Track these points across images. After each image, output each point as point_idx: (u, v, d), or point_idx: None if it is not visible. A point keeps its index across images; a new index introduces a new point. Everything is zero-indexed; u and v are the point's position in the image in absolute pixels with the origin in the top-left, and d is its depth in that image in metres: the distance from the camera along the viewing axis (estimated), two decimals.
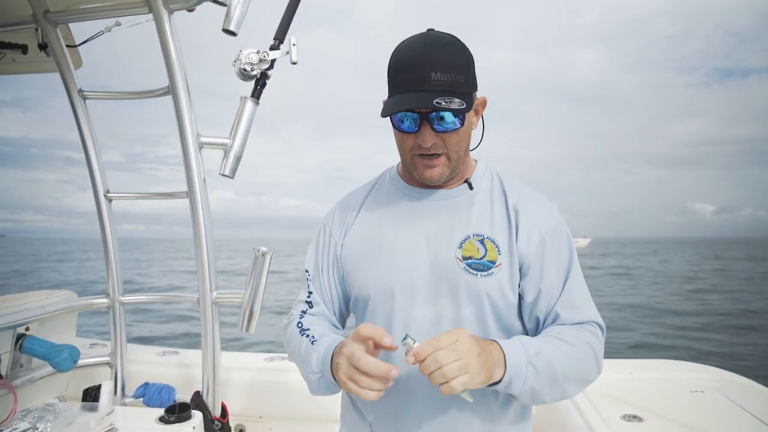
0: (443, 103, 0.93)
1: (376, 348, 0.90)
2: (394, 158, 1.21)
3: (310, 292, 1.16)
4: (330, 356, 0.96)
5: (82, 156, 1.80)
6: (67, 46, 1.83)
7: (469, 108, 0.96)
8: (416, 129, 1.00)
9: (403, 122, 1.00)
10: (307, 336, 1.06)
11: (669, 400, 1.86)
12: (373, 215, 1.16)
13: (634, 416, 1.73)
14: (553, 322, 1.05)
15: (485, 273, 1.03)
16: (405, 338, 0.87)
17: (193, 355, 2.39)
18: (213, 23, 1.66)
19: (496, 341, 0.93)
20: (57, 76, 1.86)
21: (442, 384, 0.83)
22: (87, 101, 1.80)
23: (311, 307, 1.15)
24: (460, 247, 1.05)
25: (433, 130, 0.99)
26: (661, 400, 1.85)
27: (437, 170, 1.04)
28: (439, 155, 1.03)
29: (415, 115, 0.98)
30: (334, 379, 0.94)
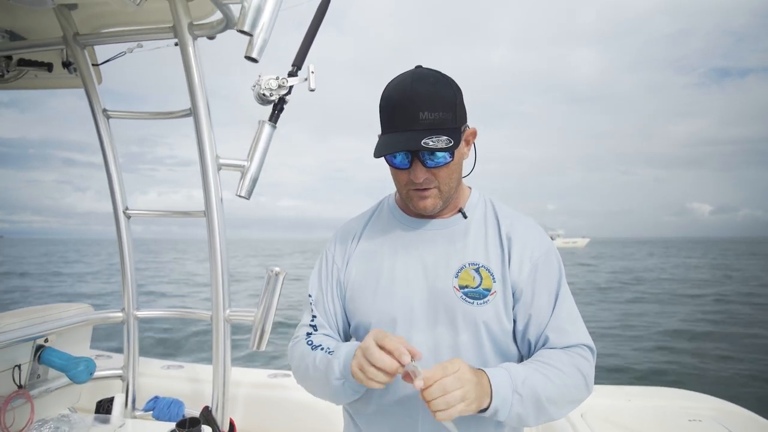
0: (431, 143, 0.96)
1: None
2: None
3: (314, 316, 1.17)
4: (351, 359, 0.98)
5: (81, 156, 1.90)
6: (92, 65, 1.90)
7: (456, 145, 0.98)
8: (408, 165, 1.04)
9: (395, 158, 1.04)
10: (322, 349, 1.07)
11: (667, 427, 1.89)
12: (372, 244, 1.18)
13: None
14: (543, 345, 1.08)
15: (481, 301, 1.06)
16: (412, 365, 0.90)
17: (198, 370, 2.42)
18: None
19: (483, 371, 0.96)
20: None
21: (441, 410, 0.86)
22: (110, 120, 1.85)
23: (316, 330, 1.16)
24: (457, 276, 1.08)
25: (425, 166, 1.03)
26: (659, 428, 1.88)
27: (430, 201, 1.08)
28: (431, 188, 1.06)
29: (408, 154, 1.02)
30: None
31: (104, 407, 1.73)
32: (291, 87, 1.74)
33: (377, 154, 1.02)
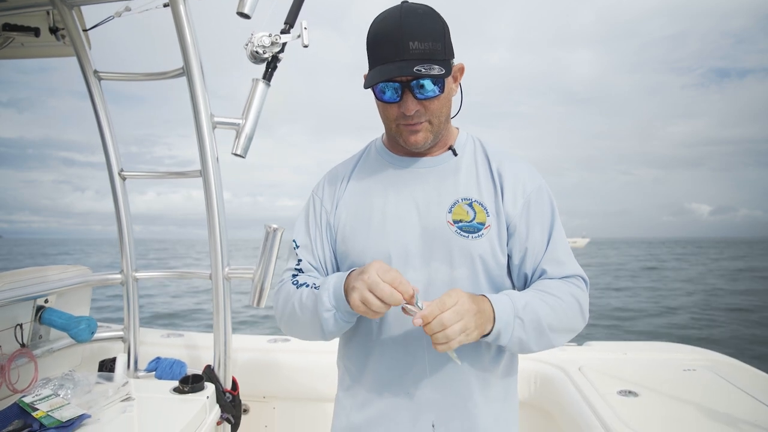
0: (423, 70, 0.95)
1: None
2: None
3: (300, 260, 1.17)
4: (342, 288, 0.98)
5: (78, 156, 1.87)
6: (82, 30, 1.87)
7: (448, 74, 0.99)
8: (398, 98, 1.03)
9: (385, 93, 1.04)
10: (307, 286, 1.07)
11: (663, 377, 1.93)
12: (362, 185, 1.18)
13: (630, 392, 1.80)
14: (540, 277, 1.11)
15: (476, 235, 1.07)
16: (417, 301, 0.92)
17: (199, 338, 2.44)
18: (209, 22, 1.70)
19: (486, 296, 0.98)
20: (54, 74, 1.90)
21: (441, 344, 0.88)
22: (102, 82, 1.83)
23: (301, 272, 1.15)
24: (450, 211, 1.09)
25: (415, 98, 1.02)
26: (655, 378, 1.92)
27: (421, 135, 1.07)
28: (421, 122, 1.06)
29: (397, 84, 1.01)
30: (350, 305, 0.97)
31: (107, 367, 1.74)
32: (284, 44, 1.73)
33: (367, 84, 1.02)
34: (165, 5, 1.74)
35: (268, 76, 1.75)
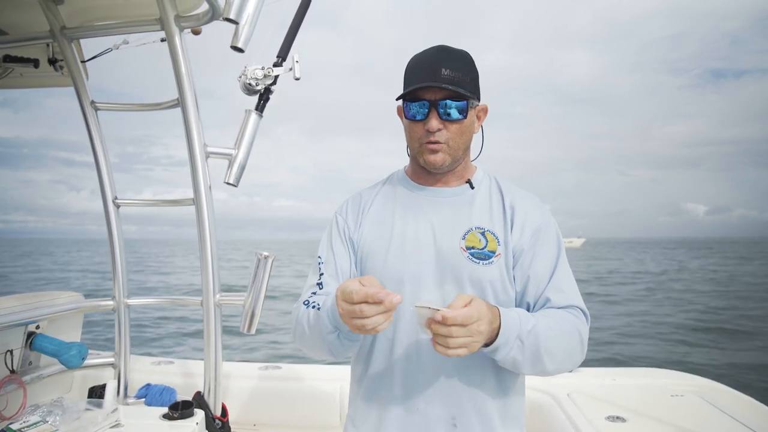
0: (451, 87, 1.07)
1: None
2: (389, 159, 1.30)
3: (321, 274, 1.21)
4: (336, 307, 0.98)
5: (74, 156, 1.92)
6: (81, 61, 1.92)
7: (473, 98, 1.11)
8: (424, 117, 1.12)
9: (412, 110, 1.13)
10: (314, 307, 1.10)
11: (651, 403, 1.94)
12: (384, 208, 1.25)
13: (618, 417, 1.81)
14: (543, 306, 1.13)
15: (486, 262, 1.13)
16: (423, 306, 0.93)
17: (189, 365, 2.44)
18: (207, 25, 1.75)
19: (498, 312, 1.00)
20: None
21: (442, 347, 0.91)
22: (98, 112, 1.88)
23: (321, 288, 1.19)
24: (464, 238, 1.15)
25: (439, 117, 1.11)
26: (643, 404, 1.93)
27: (440, 156, 1.14)
28: (441, 143, 1.13)
29: (426, 103, 1.11)
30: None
31: (96, 394, 1.75)
32: (276, 77, 1.79)
33: (401, 96, 1.13)
34: (162, 40, 1.80)
35: (260, 108, 1.81)
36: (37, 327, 1.61)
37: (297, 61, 1.77)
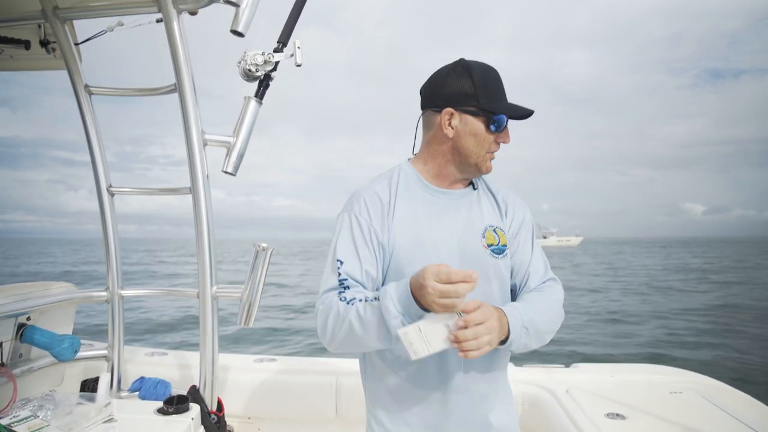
0: (531, 113, 1.26)
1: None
2: (386, 159, 1.28)
3: (344, 279, 1.22)
4: (409, 294, 1.07)
5: (73, 155, 1.92)
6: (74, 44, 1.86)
7: None
8: (501, 131, 1.27)
9: (503, 123, 1.26)
10: (361, 300, 1.15)
11: (650, 400, 1.94)
12: (409, 211, 1.29)
13: (617, 414, 1.80)
14: (526, 281, 1.34)
15: (502, 255, 1.29)
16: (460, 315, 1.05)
17: (184, 356, 2.40)
18: (206, 24, 1.70)
19: (502, 311, 1.14)
20: (49, 74, 1.87)
21: (473, 350, 1.03)
22: (92, 96, 1.82)
23: (347, 289, 1.21)
24: (483, 236, 1.29)
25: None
26: (642, 400, 1.93)
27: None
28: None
29: (507, 120, 1.26)
30: (421, 308, 1.08)
31: (89, 387, 1.70)
32: (277, 63, 1.73)
33: (515, 113, 1.25)
34: (158, 21, 1.74)
35: (260, 95, 1.76)
36: (28, 318, 1.56)
37: (299, 47, 1.72)
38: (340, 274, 1.22)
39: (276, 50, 1.72)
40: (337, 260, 1.24)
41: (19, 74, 2.26)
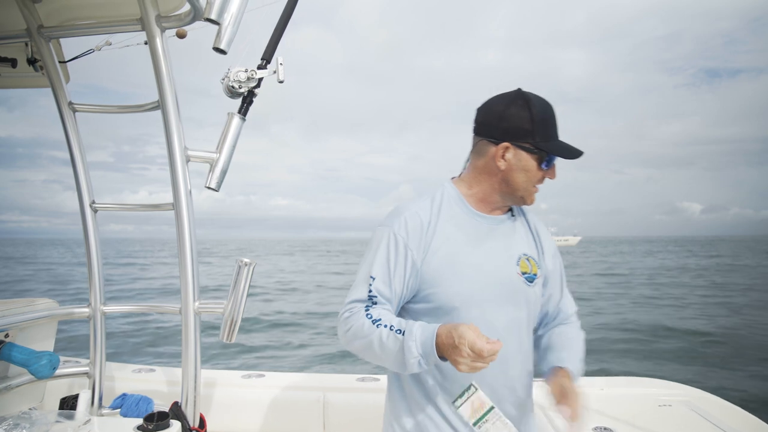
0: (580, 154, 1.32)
1: None
2: (384, 159, 1.30)
3: (374, 296, 1.26)
4: (433, 343, 1.13)
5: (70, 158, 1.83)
6: (59, 62, 1.87)
7: None
8: (550, 167, 1.32)
9: (552, 161, 1.31)
10: (385, 326, 1.19)
11: (638, 413, 1.93)
12: (450, 236, 1.32)
13: (605, 428, 1.79)
14: (557, 315, 1.49)
15: (532, 283, 1.35)
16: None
17: (171, 372, 2.38)
18: (206, 24, 1.72)
19: (569, 373, 1.32)
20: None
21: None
22: (76, 114, 1.83)
23: (375, 304, 1.26)
24: (517, 264, 1.34)
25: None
26: (631, 414, 1.92)
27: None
28: None
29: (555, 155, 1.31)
30: (439, 358, 1.14)
31: (69, 404, 1.68)
32: (260, 79, 1.75)
33: (570, 155, 1.31)
34: (145, 43, 1.76)
35: (243, 111, 1.77)
36: (7, 335, 1.55)
37: (281, 64, 1.74)
38: (371, 290, 1.26)
39: (259, 66, 1.75)
40: (371, 276, 1.27)
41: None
